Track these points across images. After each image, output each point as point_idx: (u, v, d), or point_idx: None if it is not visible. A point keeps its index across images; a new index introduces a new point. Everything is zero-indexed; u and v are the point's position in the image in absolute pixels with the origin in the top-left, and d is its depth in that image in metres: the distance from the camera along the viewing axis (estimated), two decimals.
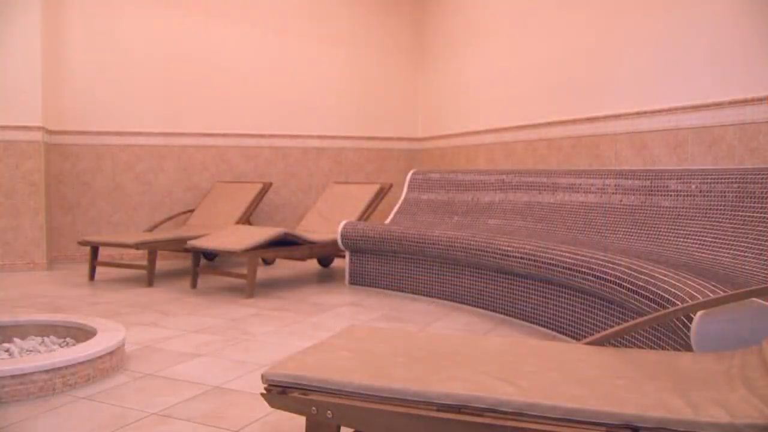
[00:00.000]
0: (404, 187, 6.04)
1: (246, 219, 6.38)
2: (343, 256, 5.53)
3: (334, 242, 5.41)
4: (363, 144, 7.70)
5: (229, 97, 7.15)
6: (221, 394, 2.79)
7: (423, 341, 2.20)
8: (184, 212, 6.83)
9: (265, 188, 6.58)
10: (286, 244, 5.17)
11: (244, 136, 7.22)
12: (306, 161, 7.47)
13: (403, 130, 7.95)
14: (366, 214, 5.99)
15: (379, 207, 6.25)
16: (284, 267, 6.56)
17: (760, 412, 1.50)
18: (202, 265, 6.12)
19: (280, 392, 1.85)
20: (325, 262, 6.55)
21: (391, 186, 6.29)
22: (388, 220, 5.73)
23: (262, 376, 1.88)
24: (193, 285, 5.27)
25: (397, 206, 5.90)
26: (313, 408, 1.80)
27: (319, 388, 1.81)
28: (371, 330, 2.34)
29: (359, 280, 5.34)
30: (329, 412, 1.78)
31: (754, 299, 2.18)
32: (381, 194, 6.17)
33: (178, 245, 5.51)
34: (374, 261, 5.21)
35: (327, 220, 6.10)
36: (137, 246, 5.21)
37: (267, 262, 6.65)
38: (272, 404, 1.86)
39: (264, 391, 1.87)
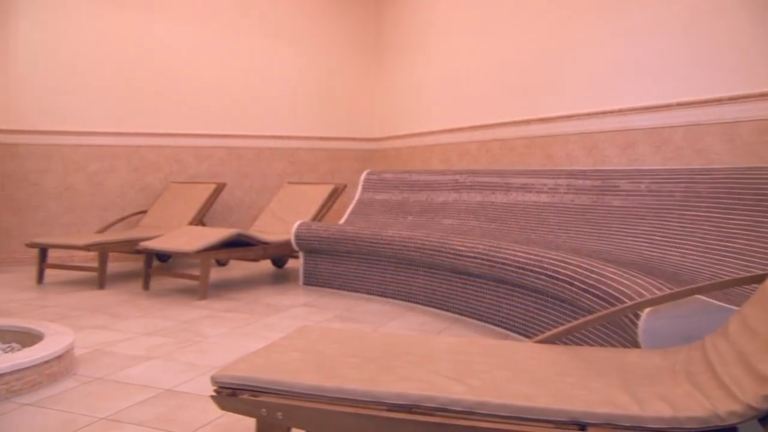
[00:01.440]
0: (358, 188, 6.04)
1: (199, 220, 6.32)
2: (297, 257, 5.51)
3: (288, 243, 5.38)
4: (317, 144, 7.68)
5: (182, 96, 7.07)
6: (173, 397, 2.75)
7: (375, 341, 2.20)
8: (137, 213, 6.74)
9: (219, 189, 6.52)
10: (239, 244, 5.13)
11: (198, 136, 7.14)
12: (260, 161, 7.42)
13: (358, 131, 7.94)
14: (320, 215, 5.97)
15: (333, 207, 6.24)
16: (238, 268, 6.51)
17: (701, 406, 1.54)
18: (155, 266, 6.03)
19: (230, 394, 1.83)
20: (279, 262, 6.52)
21: (345, 186, 6.29)
22: (342, 221, 5.72)
23: (212, 378, 1.86)
24: (146, 287, 5.20)
25: (351, 206, 5.90)
26: (263, 409, 1.78)
27: (269, 389, 1.80)
28: (323, 330, 2.33)
29: (313, 280, 5.33)
30: (279, 413, 1.77)
31: (698, 296, 2.23)
32: (335, 194, 6.15)
33: (130, 246, 5.43)
34: (328, 261, 5.20)
35: (281, 221, 6.07)
36: (87, 247, 5.13)
37: (221, 263, 6.59)
38: (222, 407, 1.84)
39: (214, 394, 1.85)
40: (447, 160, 6.51)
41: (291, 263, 6.59)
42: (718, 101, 3.91)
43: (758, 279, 2.16)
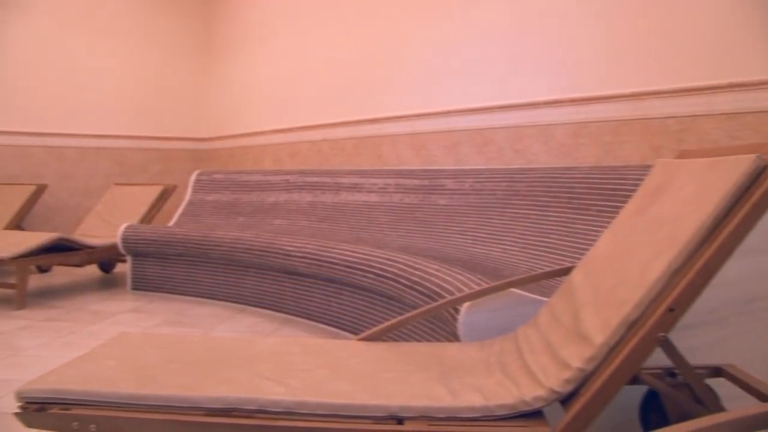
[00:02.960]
0: (189, 189, 5.90)
1: (17, 224, 5.95)
2: (126, 261, 5.31)
3: (114, 246, 5.17)
4: (146, 144, 7.43)
5: None
6: None
7: (197, 345, 2.15)
8: None
9: (39, 190, 6.17)
10: (62, 249, 4.87)
11: (15, 134, 6.71)
12: (85, 162, 7.08)
13: (190, 130, 7.76)
14: (149, 217, 5.78)
15: (163, 209, 6.07)
16: (62, 274, 6.18)
17: (510, 393, 1.62)
18: None
19: (38, 409, 1.72)
20: (106, 267, 6.25)
21: (175, 187, 6.12)
22: (171, 223, 5.57)
23: (17, 393, 1.74)
24: None
25: (182, 208, 5.75)
26: (75, 423, 1.69)
27: (81, 401, 1.71)
28: (144, 336, 2.25)
29: (142, 285, 5.15)
30: (93, 426, 1.69)
31: (513, 289, 2.33)
32: (165, 196, 5.98)
33: None
34: (157, 265, 5.04)
35: (108, 224, 5.83)
36: None
37: (42, 270, 6.24)
38: (28, 423, 1.73)
39: (19, 410, 1.74)
40: (279, 160, 6.49)
41: (119, 267, 6.34)
42: (535, 105, 4.12)
43: (566, 272, 2.29)
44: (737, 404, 1.37)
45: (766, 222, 2.20)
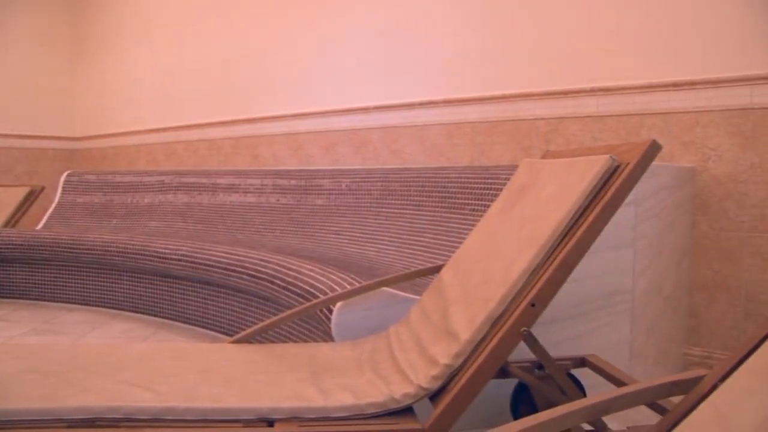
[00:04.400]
0: (58, 190, 5.67)
1: None
2: None
3: None
4: (11, 142, 7.07)
5: None
6: None
7: (61, 354, 2.07)
8: None
9: None
10: None
11: None
12: None
13: (60, 128, 7.44)
14: (14, 220, 5.52)
15: (30, 212, 5.80)
16: None
17: (380, 391, 1.64)
18: None
19: None
20: None
21: (43, 189, 5.86)
22: (39, 226, 5.34)
23: None
24: None
25: (51, 210, 5.52)
26: None
27: None
28: (0, 347, 2.15)
29: (7, 292, 4.90)
30: None
31: (385, 288, 2.36)
32: (31, 198, 5.72)
33: None
34: (24, 270, 4.81)
35: None
36: None
37: None
38: None
39: None
40: (154, 160, 6.33)
41: None
42: (411, 105, 4.19)
43: (437, 270, 2.34)
44: (601, 391, 1.44)
45: (625, 218, 2.32)
